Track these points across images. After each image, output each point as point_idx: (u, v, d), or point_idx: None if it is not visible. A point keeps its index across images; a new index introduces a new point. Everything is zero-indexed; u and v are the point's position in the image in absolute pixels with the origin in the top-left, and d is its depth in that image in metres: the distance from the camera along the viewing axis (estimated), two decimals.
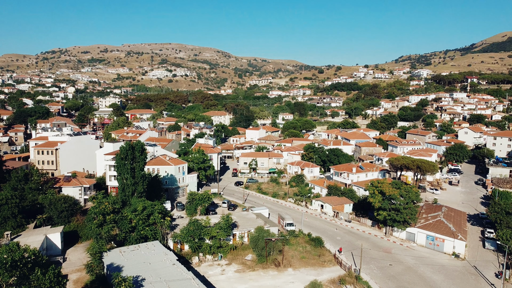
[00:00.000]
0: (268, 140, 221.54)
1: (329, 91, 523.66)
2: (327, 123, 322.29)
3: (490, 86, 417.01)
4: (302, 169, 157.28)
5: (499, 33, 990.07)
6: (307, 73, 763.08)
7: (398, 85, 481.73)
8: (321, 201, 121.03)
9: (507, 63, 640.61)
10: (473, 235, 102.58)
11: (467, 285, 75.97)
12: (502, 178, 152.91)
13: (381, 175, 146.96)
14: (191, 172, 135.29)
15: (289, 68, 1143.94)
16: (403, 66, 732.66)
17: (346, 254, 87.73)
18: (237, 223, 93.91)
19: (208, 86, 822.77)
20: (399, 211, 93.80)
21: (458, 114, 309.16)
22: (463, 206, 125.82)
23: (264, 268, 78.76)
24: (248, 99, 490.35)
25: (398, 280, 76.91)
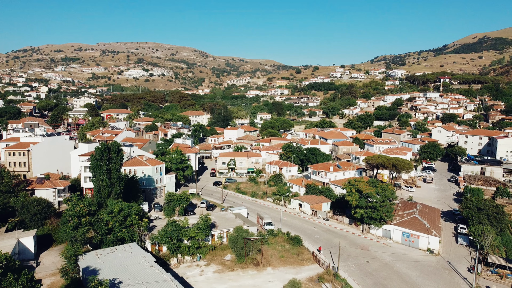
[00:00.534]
0: (247, 139, 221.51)
1: (306, 91, 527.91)
2: (304, 123, 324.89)
3: (462, 86, 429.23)
4: (281, 169, 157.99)
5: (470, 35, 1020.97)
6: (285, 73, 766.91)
7: (374, 85, 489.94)
8: (299, 200, 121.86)
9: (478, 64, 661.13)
10: (447, 231, 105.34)
11: (441, 279, 77.95)
12: (473, 175, 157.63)
13: (358, 174, 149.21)
14: (169, 172, 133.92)
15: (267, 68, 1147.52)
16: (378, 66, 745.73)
17: (324, 252, 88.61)
18: (216, 223, 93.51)
19: (185, 86, 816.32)
20: (376, 208, 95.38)
21: (431, 113, 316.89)
22: (437, 203, 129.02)
23: (243, 268, 78.70)
24: (226, 99, 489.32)
25: (375, 276, 78.20)
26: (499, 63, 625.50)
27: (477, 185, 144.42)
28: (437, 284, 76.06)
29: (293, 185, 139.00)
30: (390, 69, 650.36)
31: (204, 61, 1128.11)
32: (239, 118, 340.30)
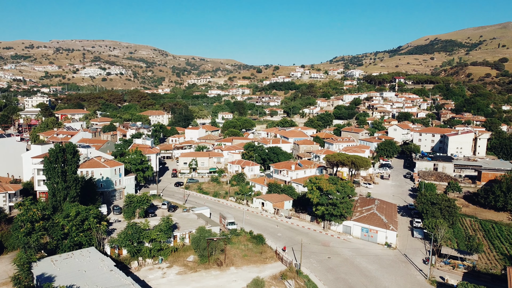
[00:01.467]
0: (208, 139, 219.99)
1: (267, 91, 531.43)
2: (266, 122, 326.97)
3: (416, 86, 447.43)
4: (243, 168, 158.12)
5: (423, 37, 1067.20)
6: (246, 73, 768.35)
7: (333, 85, 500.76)
8: (261, 199, 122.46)
9: (430, 65, 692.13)
10: (403, 225, 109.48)
11: (398, 272, 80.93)
12: (427, 171, 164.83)
13: (319, 172, 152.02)
14: (128, 174, 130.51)
15: (228, 67, 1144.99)
16: (337, 66, 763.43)
17: (287, 249, 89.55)
18: (178, 225, 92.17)
19: (145, 85, 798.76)
20: (336, 205, 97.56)
21: (387, 112, 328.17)
22: (393, 198, 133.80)
23: (207, 269, 78.09)
24: (186, 98, 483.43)
25: (336, 271, 80.00)
26: (449, 64, 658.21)
27: (430, 181, 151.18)
28: (395, 276, 78.89)
29: (255, 184, 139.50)
30: (348, 69, 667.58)
31: (164, 60, 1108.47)
32: (201, 117, 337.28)
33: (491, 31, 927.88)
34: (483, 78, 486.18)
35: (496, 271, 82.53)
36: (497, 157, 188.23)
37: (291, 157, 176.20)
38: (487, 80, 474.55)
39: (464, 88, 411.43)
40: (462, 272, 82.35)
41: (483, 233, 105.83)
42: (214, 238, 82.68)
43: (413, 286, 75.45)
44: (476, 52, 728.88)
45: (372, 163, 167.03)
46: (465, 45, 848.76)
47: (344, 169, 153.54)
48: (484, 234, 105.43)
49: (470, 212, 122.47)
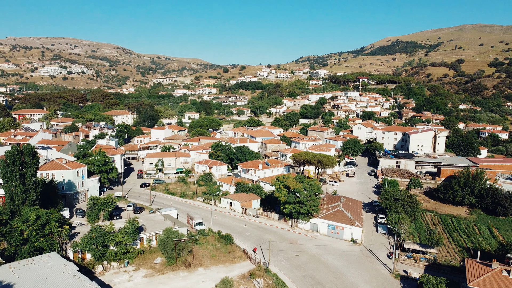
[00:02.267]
0: (175, 139, 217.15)
1: (234, 90, 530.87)
2: (233, 122, 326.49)
3: (379, 86, 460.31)
4: (210, 168, 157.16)
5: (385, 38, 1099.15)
6: (212, 72, 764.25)
7: (299, 85, 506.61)
8: (229, 199, 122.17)
9: (392, 65, 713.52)
10: (368, 221, 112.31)
11: (364, 267, 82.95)
12: (390, 168, 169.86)
13: (286, 170, 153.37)
14: (92, 175, 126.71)
15: (194, 66, 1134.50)
16: (303, 66, 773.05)
17: (257, 250, 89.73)
18: (144, 226, 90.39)
19: (108, 85, 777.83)
20: (303, 203, 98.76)
21: (352, 111, 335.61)
22: (358, 195, 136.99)
23: (174, 270, 77.02)
24: (152, 98, 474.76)
25: (304, 268, 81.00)
26: (410, 64, 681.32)
27: (393, 178, 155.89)
28: (361, 271, 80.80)
29: (223, 184, 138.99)
30: (314, 69, 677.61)
31: (128, 58, 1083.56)
32: (167, 117, 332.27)
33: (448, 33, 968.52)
34: (441, 78, 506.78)
35: (455, 263, 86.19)
36: (455, 154, 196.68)
37: (258, 157, 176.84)
38: (445, 80, 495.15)
39: (424, 88, 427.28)
40: (424, 265, 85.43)
41: (443, 227, 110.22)
42: (182, 239, 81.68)
43: (378, 280, 77.55)
44: (435, 53, 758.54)
45: (337, 161, 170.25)
46: (424, 47, 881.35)
47: (311, 167, 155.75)
48: (444, 227, 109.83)
49: (430, 207, 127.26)
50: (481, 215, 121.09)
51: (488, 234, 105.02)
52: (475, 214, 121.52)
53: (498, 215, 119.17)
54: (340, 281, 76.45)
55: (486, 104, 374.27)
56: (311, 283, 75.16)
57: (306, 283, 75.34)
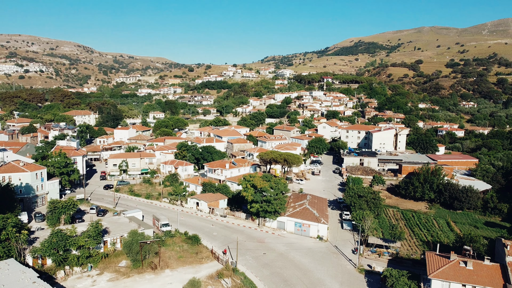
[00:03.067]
0: (139, 139, 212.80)
1: (200, 90, 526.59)
2: (199, 121, 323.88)
3: (342, 86, 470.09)
4: (176, 168, 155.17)
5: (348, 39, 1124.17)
6: (177, 71, 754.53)
7: (265, 84, 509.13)
8: (196, 199, 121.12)
9: (355, 65, 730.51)
10: (333, 218, 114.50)
11: (330, 263, 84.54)
12: (354, 166, 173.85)
13: (253, 170, 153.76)
14: (52, 178, 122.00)
15: (158, 65, 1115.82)
16: (268, 66, 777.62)
17: (223, 248, 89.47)
18: (108, 229, 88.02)
19: (68, 84, 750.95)
20: (270, 202, 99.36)
21: (317, 111, 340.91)
22: (324, 193, 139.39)
23: (140, 273, 75.50)
24: (115, 98, 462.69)
25: (272, 267, 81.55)
26: (372, 65, 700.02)
27: (357, 175, 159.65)
28: (327, 267, 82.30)
29: (189, 184, 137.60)
30: (279, 69, 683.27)
31: (89, 57, 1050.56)
32: (130, 117, 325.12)
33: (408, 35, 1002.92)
34: (402, 78, 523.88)
35: (416, 256, 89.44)
36: (415, 151, 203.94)
37: (225, 156, 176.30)
38: (405, 80, 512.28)
39: (386, 88, 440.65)
40: (387, 259, 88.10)
41: (404, 222, 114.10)
42: (148, 241, 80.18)
43: (344, 275, 79.26)
44: (395, 54, 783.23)
45: (303, 160, 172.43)
46: (385, 47, 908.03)
47: (277, 166, 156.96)
48: (405, 222, 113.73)
49: (392, 203, 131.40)
50: (440, 209, 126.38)
51: (447, 227, 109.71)
52: (434, 208, 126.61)
53: (456, 209, 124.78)
54: (307, 277, 77.54)
55: (443, 103, 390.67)
56: (278, 281, 75.78)
57: (274, 281, 75.89)
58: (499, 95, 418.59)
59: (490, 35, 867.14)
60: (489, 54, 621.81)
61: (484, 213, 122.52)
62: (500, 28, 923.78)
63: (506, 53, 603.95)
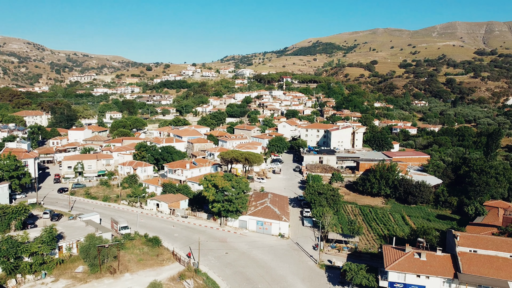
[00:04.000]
0: (95, 140, 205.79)
1: (158, 89, 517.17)
2: (158, 121, 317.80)
3: (301, 85, 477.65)
4: (135, 169, 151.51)
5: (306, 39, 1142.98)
6: (135, 70, 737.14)
7: (225, 84, 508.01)
8: (156, 200, 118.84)
9: (313, 65, 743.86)
10: (294, 215, 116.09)
11: (291, 260, 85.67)
12: (314, 164, 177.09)
13: (214, 169, 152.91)
14: (1, 182, 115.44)
15: (115, 64, 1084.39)
16: (228, 65, 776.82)
17: (185, 249, 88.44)
18: (64, 234, 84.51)
19: (17, 83, 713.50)
20: (232, 201, 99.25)
21: (277, 110, 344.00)
22: (285, 191, 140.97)
23: (98, 278, 73.09)
24: (69, 97, 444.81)
25: (234, 266, 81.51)
26: (330, 65, 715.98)
27: (317, 173, 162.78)
28: (289, 264, 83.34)
29: (149, 185, 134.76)
30: (239, 68, 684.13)
31: (40, 55, 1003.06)
32: (86, 117, 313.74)
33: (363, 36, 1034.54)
34: (358, 78, 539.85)
35: (374, 250, 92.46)
36: (372, 149, 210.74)
37: (185, 156, 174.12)
38: (362, 80, 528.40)
39: (343, 87, 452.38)
40: (346, 254, 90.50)
41: (362, 217, 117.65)
42: (106, 245, 77.74)
43: (305, 271, 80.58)
44: (352, 54, 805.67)
45: (264, 159, 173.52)
46: (342, 48, 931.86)
47: (238, 165, 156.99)
48: (363, 218, 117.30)
49: (351, 199, 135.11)
50: (395, 204, 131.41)
51: (402, 221, 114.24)
52: (390, 203, 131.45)
53: (410, 204, 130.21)
54: (269, 275, 78.16)
55: (397, 102, 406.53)
56: (241, 280, 75.88)
57: (237, 279, 75.91)
58: (448, 95, 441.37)
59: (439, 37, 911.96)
60: (439, 55, 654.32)
61: (436, 206, 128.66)
62: (448, 31, 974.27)
63: (454, 55, 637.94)
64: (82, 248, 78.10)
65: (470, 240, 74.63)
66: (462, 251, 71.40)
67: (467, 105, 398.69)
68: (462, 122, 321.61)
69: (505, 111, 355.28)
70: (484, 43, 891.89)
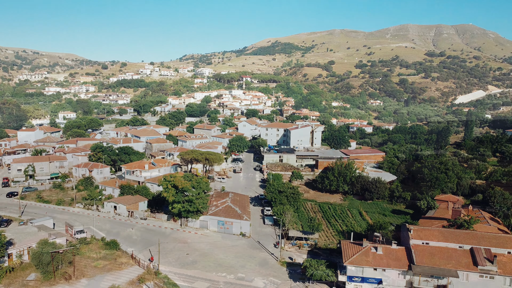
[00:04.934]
0: (48, 142, 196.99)
1: (115, 88, 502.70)
2: (115, 121, 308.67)
3: (261, 85, 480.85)
4: (91, 171, 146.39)
5: (265, 39, 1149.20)
6: (90, 69, 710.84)
7: (184, 83, 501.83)
8: (114, 202, 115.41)
9: (272, 65, 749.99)
10: (255, 214, 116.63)
11: (253, 259, 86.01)
12: (274, 163, 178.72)
13: (173, 170, 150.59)
14: None
15: (68, 62, 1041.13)
16: (187, 64, 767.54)
17: (144, 252, 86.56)
18: (13, 241, 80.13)
19: None
20: (192, 202, 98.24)
21: (237, 109, 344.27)
22: (246, 190, 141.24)
23: (52, 285, 69.94)
24: (18, 97, 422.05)
25: (195, 267, 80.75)
26: (288, 65, 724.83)
27: (277, 171, 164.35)
28: (250, 263, 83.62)
29: (105, 187, 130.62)
30: (198, 67, 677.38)
31: None
32: (37, 118, 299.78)
33: (321, 37, 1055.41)
34: (316, 78, 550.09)
35: (333, 246, 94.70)
36: (330, 147, 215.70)
37: (144, 157, 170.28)
38: (320, 80, 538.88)
39: (302, 87, 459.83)
40: (306, 250, 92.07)
41: (321, 214, 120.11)
42: (60, 250, 74.51)
43: (267, 269, 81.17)
44: (310, 54, 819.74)
45: (225, 158, 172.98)
46: (301, 48, 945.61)
47: (199, 165, 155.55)
48: (323, 214, 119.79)
49: (310, 197, 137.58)
50: (353, 200, 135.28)
51: (359, 217, 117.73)
52: (348, 200, 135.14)
53: (367, 200, 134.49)
54: (232, 274, 78.04)
55: (354, 101, 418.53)
56: (202, 281, 75.25)
57: (198, 280, 75.19)
58: (401, 94, 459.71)
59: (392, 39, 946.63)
60: (392, 56, 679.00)
61: (391, 202, 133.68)
62: (401, 33, 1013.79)
63: (406, 56, 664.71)
64: (34, 255, 74.40)
65: (423, 233, 78.14)
66: (416, 244, 74.63)
67: (418, 104, 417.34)
68: (414, 121, 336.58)
69: (453, 110, 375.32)
70: (433, 45, 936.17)
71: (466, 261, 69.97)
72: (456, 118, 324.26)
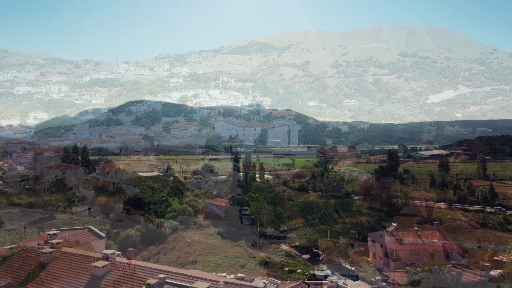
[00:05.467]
0: (18, 143, 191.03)
1: (88, 87, 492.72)
2: (89, 121, 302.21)
3: (238, 84, 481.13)
4: (64, 172, 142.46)
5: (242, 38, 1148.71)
6: (62, 68, 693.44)
7: (160, 82, 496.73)
8: (88, 204, 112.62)
9: (249, 65, 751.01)
10: (233, 214, 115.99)
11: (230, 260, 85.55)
12: (251, 162, 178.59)
13: (150, 170, 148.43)
14: None
15: (39, 61, 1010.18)
16: (163, 63, 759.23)
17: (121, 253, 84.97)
18: None
19: None
20: (169, 202, 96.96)
21: (214, 109, 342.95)
22: (223, 190, 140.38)
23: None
24: None
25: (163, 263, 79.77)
26: (265, 64, 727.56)
27: (254, 171, 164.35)
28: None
29: (79, 189, 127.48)
30: (174, 67, 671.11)
31: None
32: (6, 118, 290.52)
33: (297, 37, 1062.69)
34: (293, 78, 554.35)
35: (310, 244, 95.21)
36: (306, 146, 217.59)
37: (119, 157, 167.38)
38: (296, 80, 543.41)
39: (278, 87, 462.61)
40: (284, 249, 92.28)
41: (299, 213, 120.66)
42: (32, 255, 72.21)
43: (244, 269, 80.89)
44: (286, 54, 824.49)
45: (202, 158, 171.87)
46: (277, 48, 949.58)
47: (175, 165, 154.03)
48: (300, 213, 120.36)
49: (288, 196, 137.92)
50: (330, 199, 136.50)
51: (336, 215, 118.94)
52: (325, 198, 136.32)
53: (343, 198, 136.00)
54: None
55: (329, 101, 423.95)
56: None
57: None
58: (376, 94, 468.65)
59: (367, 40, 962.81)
60: (367, 56, 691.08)
61: (366, 199, 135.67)
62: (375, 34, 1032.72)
63: (380, 56, 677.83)
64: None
65: (397, 229, 79.88)
66: (390, 241, 76.18)
67: (392, 104, 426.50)
68: (388, 120, 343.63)
69: (425, 109, 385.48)
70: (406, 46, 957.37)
71: (438, 256, 72.04)
72: (428, 117, 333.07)
